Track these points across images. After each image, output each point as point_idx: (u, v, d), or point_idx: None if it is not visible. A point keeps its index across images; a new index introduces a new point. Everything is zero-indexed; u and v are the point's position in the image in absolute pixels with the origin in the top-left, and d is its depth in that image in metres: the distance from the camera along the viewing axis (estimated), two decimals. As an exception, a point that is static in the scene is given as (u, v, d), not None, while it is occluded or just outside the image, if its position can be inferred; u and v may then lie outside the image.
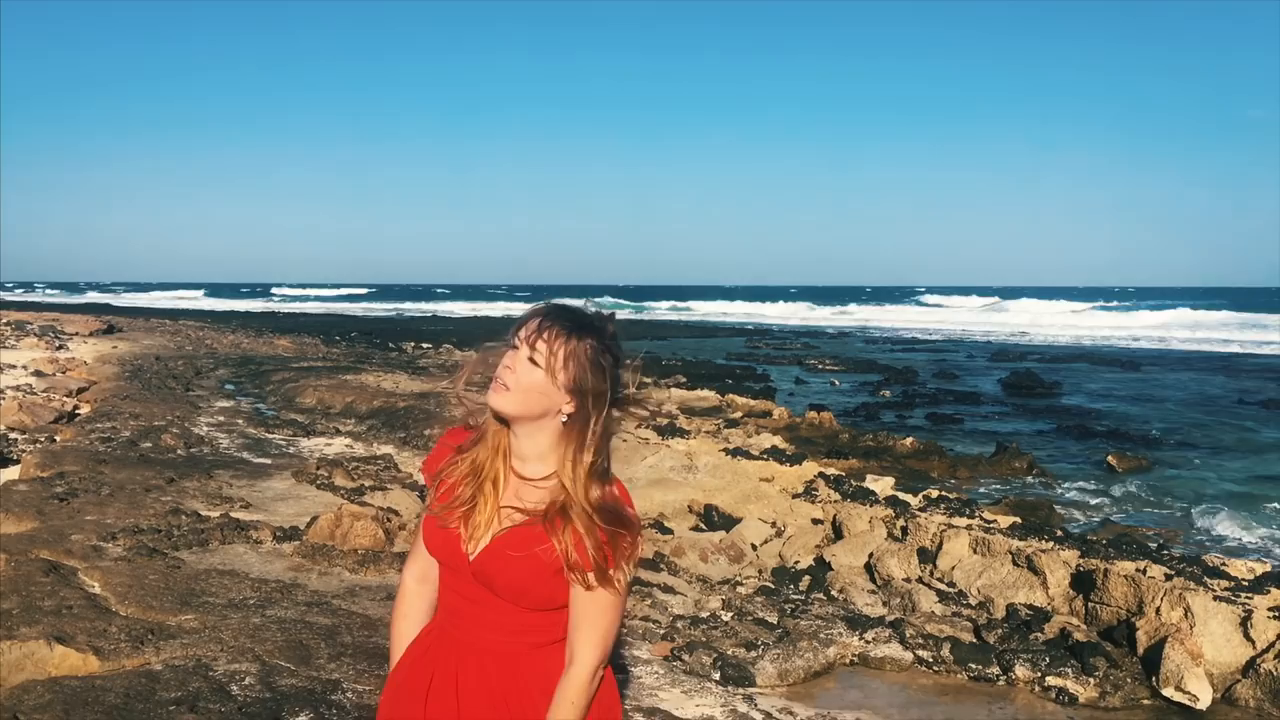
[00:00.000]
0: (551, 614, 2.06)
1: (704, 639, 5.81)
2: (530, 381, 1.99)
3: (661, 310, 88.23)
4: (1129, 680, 5.60)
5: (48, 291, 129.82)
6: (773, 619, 6.33)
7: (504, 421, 2.07)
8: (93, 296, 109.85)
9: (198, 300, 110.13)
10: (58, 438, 11.38)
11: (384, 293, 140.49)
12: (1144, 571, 6.37)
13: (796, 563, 7.79)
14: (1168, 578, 6.32)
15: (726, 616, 6.29)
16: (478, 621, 2.09)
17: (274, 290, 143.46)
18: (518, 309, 2.33)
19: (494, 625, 2.08)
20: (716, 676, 5.39)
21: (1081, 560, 6.85)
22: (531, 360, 1.99)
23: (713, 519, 8.92)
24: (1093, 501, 12.66)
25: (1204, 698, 5.31)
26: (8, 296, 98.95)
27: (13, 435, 11.69)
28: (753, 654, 5.68)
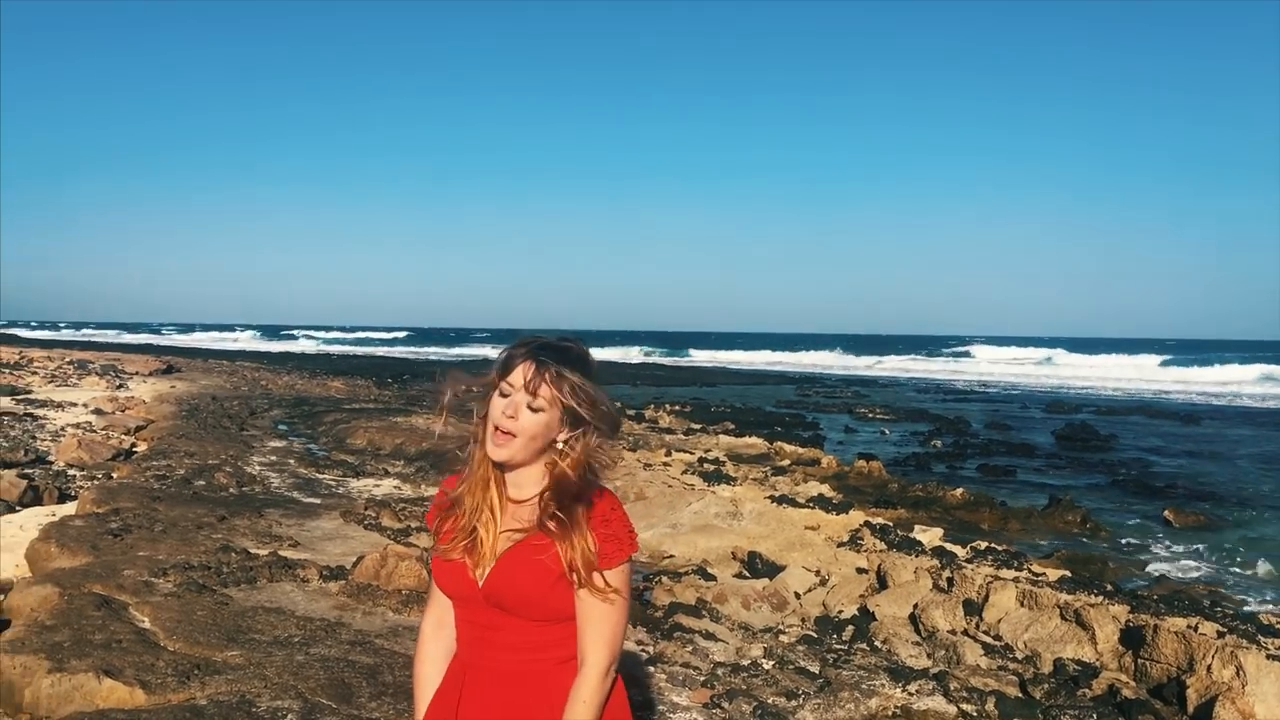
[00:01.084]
0: (565, 625, 2.13)
1: (744, 687, 5.78)
2: (535, 427, 2.10)
3: (703, 357, 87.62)
4: (1179, 740, 5.47)
5: (86, 331, 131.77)
6: (814, 668, 6.28)
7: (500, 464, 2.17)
8: (128, 338, 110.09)
9: (242, 341, 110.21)
10: (115, 475, 11.62)
11: (422, 336, 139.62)
12: (1195, 628, 6.24)
13: (840, 612, 7.72)
14: (1220, 635, 6.19)
15: (768, 665, 6.25)
16: (497, 646, 2.16)
17: (298, 332, 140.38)
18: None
19: (513, 646, 2.15)
20: (756, 725, 5.35)
21: (1131, 616, 6.72)
22: (533, 408, 2.09)
23: (756, 566, 8.88)
24: (1147, 557, 12.40)
25: (1257, 760, 5.18)
26: (69, 335, 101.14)
27: (72, 472, 11.96)
28: (793, 703, 5.63)
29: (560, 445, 2.13)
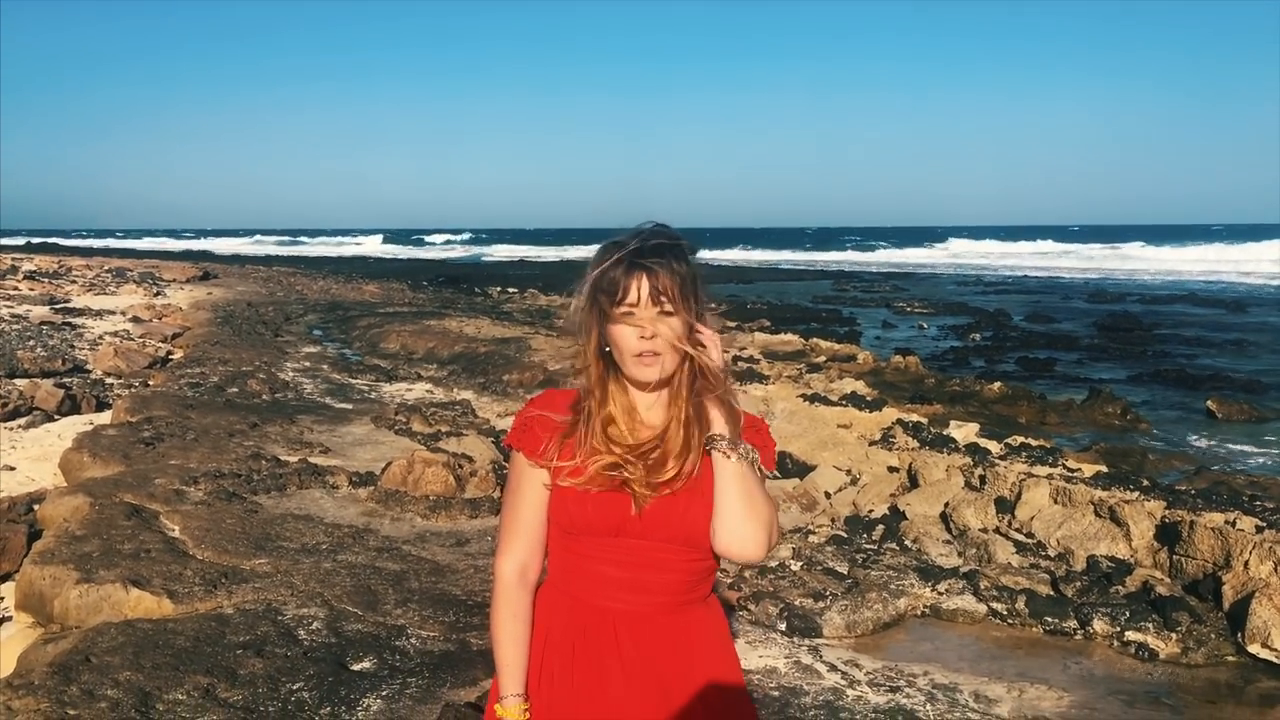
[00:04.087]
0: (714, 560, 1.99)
1: (771, 589, 5.75)
2: (674, 332, 1.86)
3: (734, 254, 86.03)
4: (1213, 636, 5.39)
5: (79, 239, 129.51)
6: (843, 569, 6.24)
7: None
8: (141, 243, 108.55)
9: (270, 247, 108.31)
10: (150, 383, 11.71)
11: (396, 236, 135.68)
12: (1233, 523, 6.11)
13: (870, 511, 7.66)
14: (1259, 530, 6.06)
15: (795, 566, 6.22)
16: (647, 588, 1.94)
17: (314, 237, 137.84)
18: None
19: (667, 587, 1.94)
20: (782, 627, 5.34)
21: (1167, 511, 6.60)
22: (666, 312, 1.85)
23: (786, 466, 8.83)
24: (1188, 449, 12.22)
25: (1292, 656, 5.09)
26: (116, 244, 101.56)
27: (109, 380, 12.08)
28: (820, 605, 5.60)
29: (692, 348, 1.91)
